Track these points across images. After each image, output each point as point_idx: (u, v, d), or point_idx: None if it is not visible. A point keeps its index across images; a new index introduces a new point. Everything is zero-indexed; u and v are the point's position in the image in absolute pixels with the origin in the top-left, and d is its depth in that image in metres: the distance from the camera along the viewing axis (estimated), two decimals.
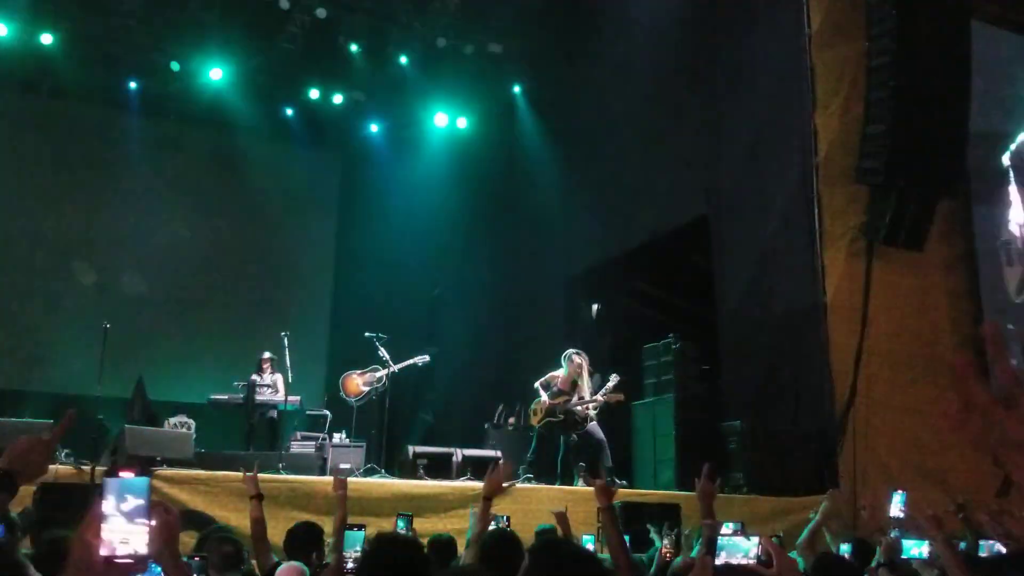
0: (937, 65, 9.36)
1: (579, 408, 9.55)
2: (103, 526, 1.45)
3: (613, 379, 9.73)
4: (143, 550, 1.45)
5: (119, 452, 7.82)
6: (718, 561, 3.08)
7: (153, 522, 1.56)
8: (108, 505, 1.47)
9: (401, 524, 4.95)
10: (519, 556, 3.26)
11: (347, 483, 4.96)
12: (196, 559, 4.01)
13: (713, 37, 11.50)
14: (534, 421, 9.82)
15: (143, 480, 1.50)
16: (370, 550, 3.11)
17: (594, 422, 9.55)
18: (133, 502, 1.48)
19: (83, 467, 7.12)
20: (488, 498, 3.88)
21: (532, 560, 2.45)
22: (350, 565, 3.33)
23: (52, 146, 13.57)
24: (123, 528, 1.46)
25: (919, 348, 9.94)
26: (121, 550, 1.45)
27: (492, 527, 4.45)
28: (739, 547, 3.15)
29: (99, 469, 7.10)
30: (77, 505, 5.37)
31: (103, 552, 1.44)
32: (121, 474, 1.49)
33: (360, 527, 3.52)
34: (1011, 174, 10.63)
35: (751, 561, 3.05)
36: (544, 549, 2.52)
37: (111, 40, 12.26)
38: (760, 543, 3.03)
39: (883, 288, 9.81)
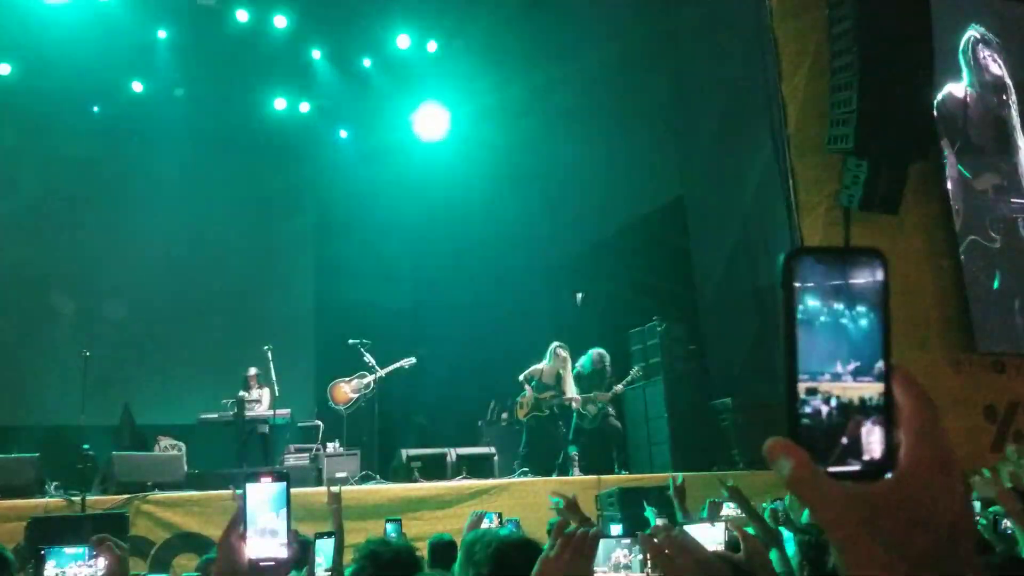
0: (899, 27, 9.37)
1: (592, 408, 9.74)
2: (247, 530, 1.47)
3: (635, 373, 10.17)
4: (283, 554, 1.46)
5: (108, 480, 7.75)
6: None
7: (103, 561, 1.53)
8: (249, 509, 1.48)
9: (391, 529, 4.88)
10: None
11: (341, 497, 4.93)
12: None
13: (676, 17, 11.49)
14: (520, 415, 9.94)
15: (281, 485, 1.51)
16: (361, 555, 3.08)
17: (612, 415, 9.76)
18: (272, 507, 1.49)
19: (73, 498, 7.05)
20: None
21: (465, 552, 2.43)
22: (320, 574, 3.29)
23: (18, 177, 13.40)
24: (265, 531, 1.48)
25: (903, 311, 9.97)
26: (264, 554, 1.46)
27: (485, 525, 4.41)
28: (708, 533, 3.15)
29: (89, 500, 7.03)
30: (68, 537, 5.30)
31: (249, 555, 1.45)
32: (261, 479, 1.51)
33: (329, 535, 3.49)
34: (939, 127, 10.56)
35: (719, 547, 3.03)
36: (475, 542, 2.48)
37: (69, 66, 12.10)
38: (727, 528, 3.02)
39: None
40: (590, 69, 12.60)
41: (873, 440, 0.72)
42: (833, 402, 0.73)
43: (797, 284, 0.75)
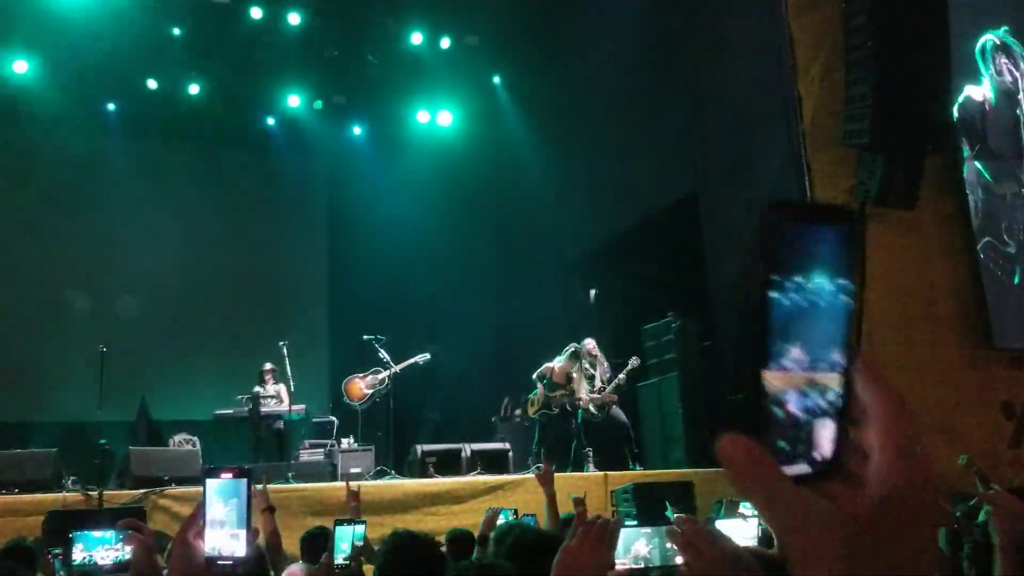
0: (915, 20, 9.31)
1: (598, 399, 9.72)
2: (206, 527, 1.43)
3: (633, 362, 10.13)
4: (242, 552, 1.42)
5: (126, 475, 7.80)
6: None
7: (128, 548, 1.51)
8: (209, 506, 1.44)
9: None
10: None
11: (360, 495, 4.93)
12: None
13: (690, 12, 11.45)
14: (530, 412, 9.96)
15: (242, 481, 1.47)
16: (387, 548, 3.09)
17: (616, 407, 9.74)
18: (233, 503, 1.45)
19: (90, 492, 7.10)
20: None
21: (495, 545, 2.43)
22: (339, 561, 3.29)
23: (34, 175, 13.50)
24: (223, 529, 1.44)
25: (919, 307, 9.92)
26: (222, 551, 1.42)
27: (500, 520, 4.41)
28: (740, 529, 3.13)
29: (107, 494, 7.08)
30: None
31: (206, 553, 1.42)
32: (222, 475, 1.46)
33: (350, 522, 3.49)
34: (960, 129, 10.48)
35: (752, 543, 3.02)
36: (505, 534, 2.49)
37: (84, 64, 12.17)
38: (760, 523, 3.00)
39: (879, 249, 9.78)
40: (603, 65, 12.58)
41: (825, 436, 0.63)
42: (801, 396, 0.63)
43: (774, 248, 0.63)
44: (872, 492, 0.62)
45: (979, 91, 10.77)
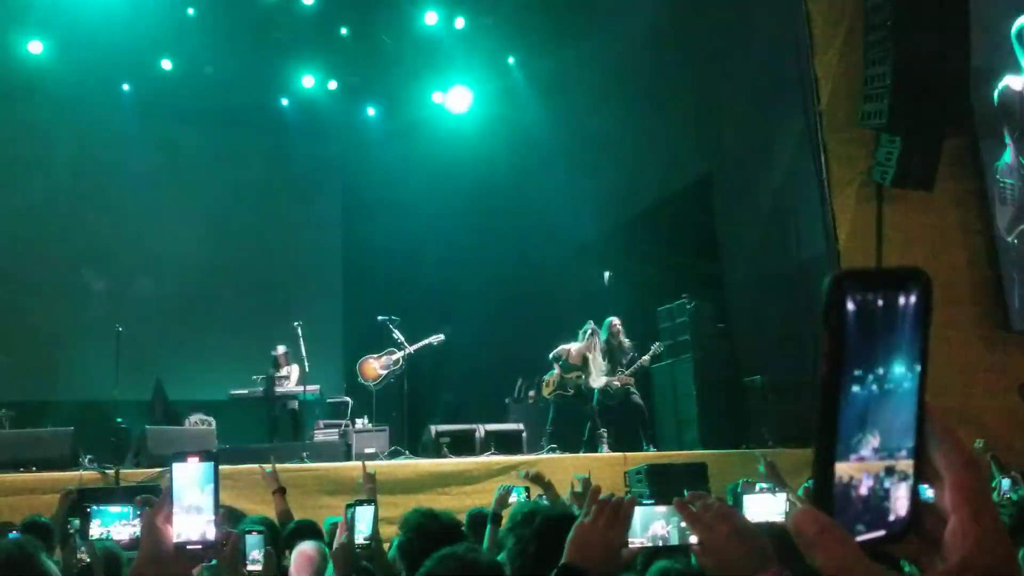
0: (933, 1, 9.21)
1: (616, 383, 9.74)
2: (174, 512, 1.42)
3: (656, 348, 10.15)
4: (211, 536, 1.42)
5: (142, 453, 7.86)
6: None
7: (137, 521, 1.51)
8: (176, 491, 1.43)
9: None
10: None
11: (375, 478, 4.95)
12: (252, 533, 3.95)
13: None
14: (545, 392, 9.99)
15: (209, 465, 1.46)
16: (408, 527, 3.10)
17: (634, 392, 9.76)
18: (200, 488, 1.44)
19: (107, 471, 7.16)
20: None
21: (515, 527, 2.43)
22: (360, 541, 3.29)
23: (49, 156, 13.53)
24: (191, 514, 1.43)
25: (937, 289, 9.83)
26: (190, 536, 1.42)
27: (512, 499, 4.41)
28: (768, 504, 3.13)
29: (123, 472, 7.14)
30: None
31: (175, 539, 1.41)
32: (188, 459, 1.46)
33: (369, 502, 3.48)
34: (999, 115, 10.39)
35: (779, 517, 3.02)
36: (526, 515, 2.49)
37: (99, 44, 12.16)
38: (788, 499, 3.00)
39: (896, 231, 9.72)
40: (618, 45, 12.49)
41: (900, 496, 0.62)
42: (875, 478, 0.61)
43: (847, 320, 0.61)
44: (948, 555, 0.62)
45: (1019, 80, 10.65)
